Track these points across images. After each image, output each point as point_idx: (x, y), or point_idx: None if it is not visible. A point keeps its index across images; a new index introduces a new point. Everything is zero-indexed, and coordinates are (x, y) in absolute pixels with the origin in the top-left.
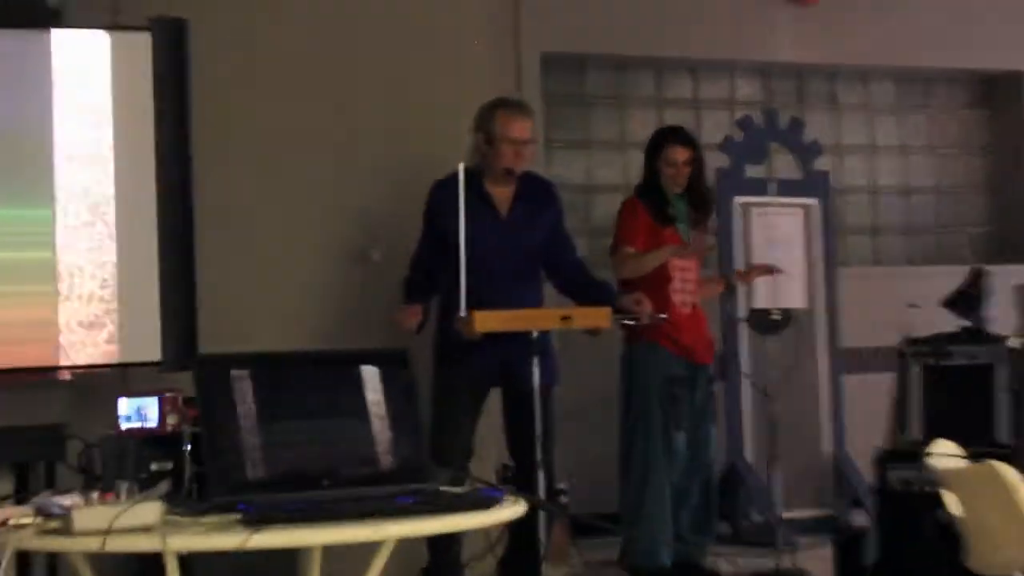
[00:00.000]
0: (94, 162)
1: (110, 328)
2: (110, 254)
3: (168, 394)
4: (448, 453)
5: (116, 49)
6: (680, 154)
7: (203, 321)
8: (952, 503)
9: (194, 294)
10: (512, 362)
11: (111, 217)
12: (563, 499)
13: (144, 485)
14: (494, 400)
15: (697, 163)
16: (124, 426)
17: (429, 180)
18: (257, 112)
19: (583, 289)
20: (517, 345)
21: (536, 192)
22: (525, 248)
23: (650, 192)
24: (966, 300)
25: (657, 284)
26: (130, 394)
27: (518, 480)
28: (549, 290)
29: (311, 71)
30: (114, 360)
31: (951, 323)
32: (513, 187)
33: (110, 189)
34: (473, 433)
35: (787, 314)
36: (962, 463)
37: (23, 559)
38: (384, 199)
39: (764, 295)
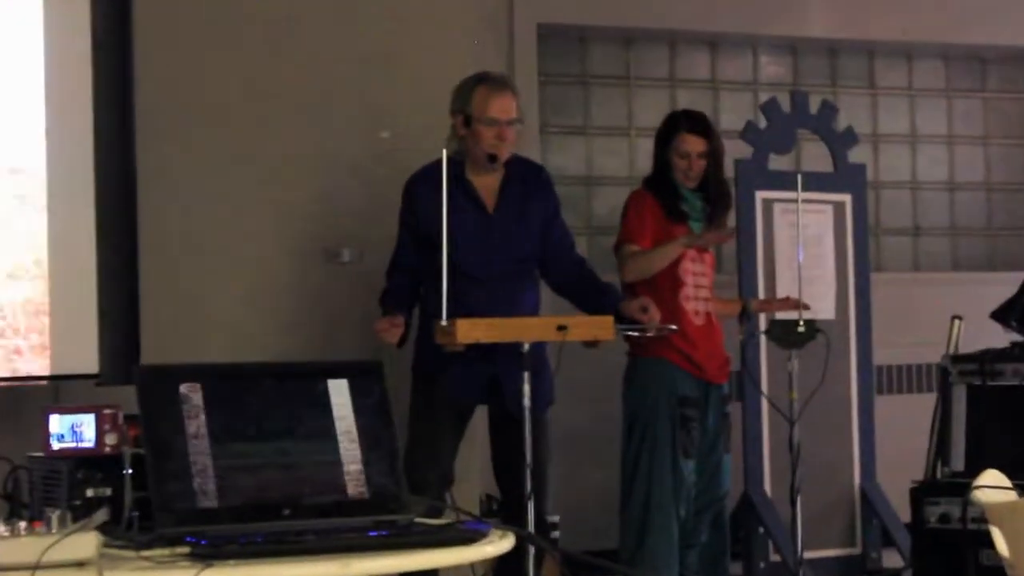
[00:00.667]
0: (22, 141)
1: (39, 334)
2: (40, 248)
3: (106, 410)
4: (425, 480)
5: (49, 11)
6: (694, 144)
7: (146, 328)
8: (1001, 543)
9: (137, 296)
10: (501, 378)
11: (41, 205)
12: (555, 534)
13: (78, 513)
14: (479, 420)
15: (713, 154)
16: (55, 446)
17: (406, 171)
18: (210, 89)
19: (584, 291)
20: (507, 358)
21: (526, 179)
22: (516, 245)
23: (660, 185)
24: (1019, 311)
25: (667, 289)
26: (63, 410)
27: (505, 512)
28: (546, 295)
29: (275, 42)
30: (44, 372)
31: (1001, 338)
32: (499, 176)
33: (41, 173)
34: (454, 457)
35: (813, 326)
36: (1012, 496)
37: None
38: (355, 192)
39: None
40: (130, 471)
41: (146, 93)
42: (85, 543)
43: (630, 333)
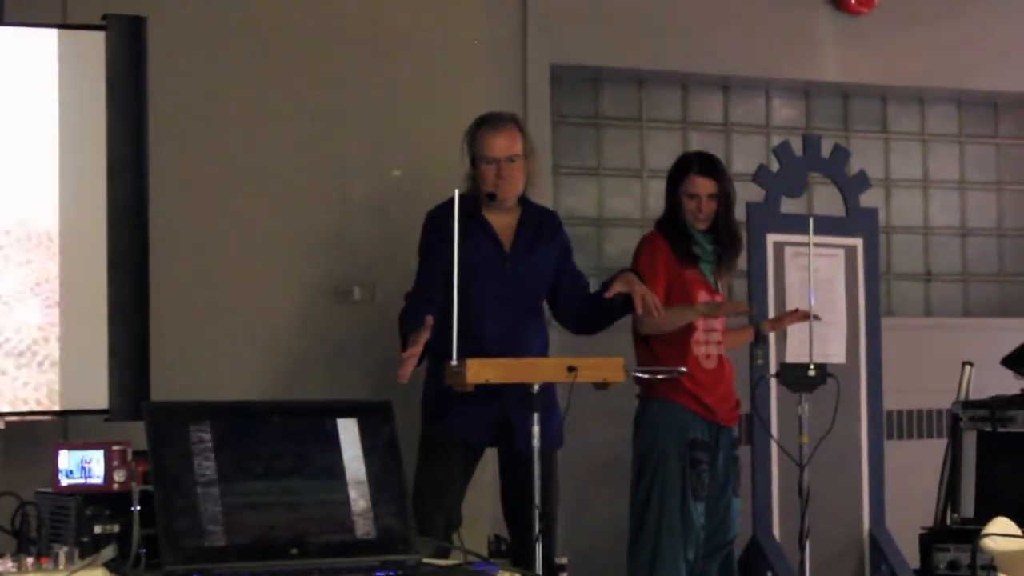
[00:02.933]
0: (36, 178)
1: (49, 370)
2: (52, 284)
3: (115, 447)
4: (432, 520)
5: (64, 50)
6: (703, 186)
7: (157, 364)
8: None
9: (147, 332)
10: (511, 419)
11: (54, 241)
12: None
13: (86, 550)
14: (490, 460)
15: (724, 196)
16: (64, 482)
17: (420, 210)
18: (222, 127)
19: (586, 309)
20: (517, 399)
21: (540, 222)
22: (531, 286)
23: (671, 227)
24: None
25: (678, 333)
26: (72, 446)
27: (514, 553)
28: (554, 337)
29: (287, 82)
30: (54, 407)
31: (1012, 384)
32: (515, 216)
33: (54, 208)
34: (462, 499)
35: (824, 370)
36: (1022, 544)
37: None
38: (368, 230)
39: (797, 348)
40: (138, 508)
41: (159, 127)
42: None
43: (639, 375)
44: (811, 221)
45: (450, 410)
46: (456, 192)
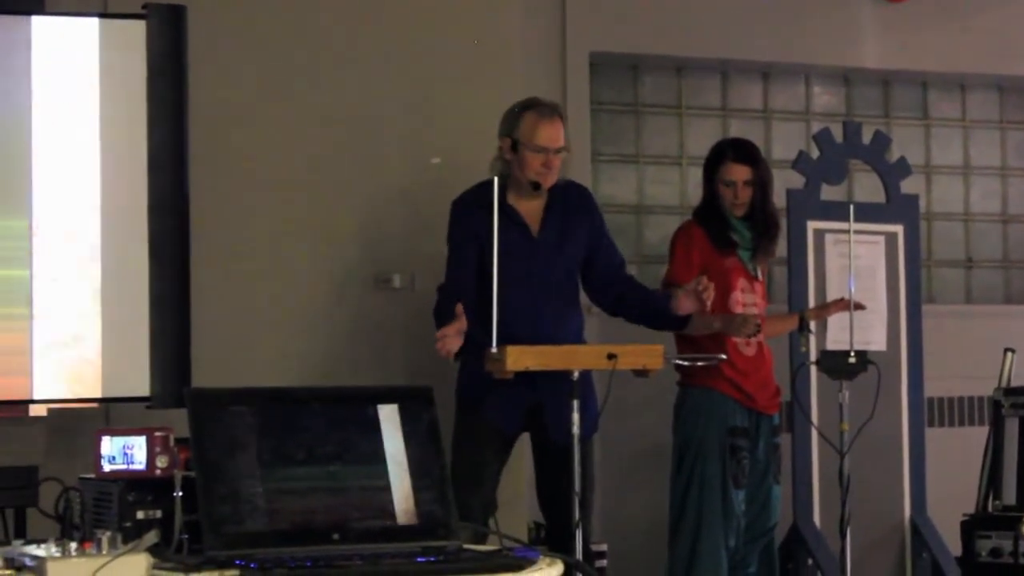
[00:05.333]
0: (77, 167)
1: (92, 358)
2: (94, 273)
3: (157, 433)
4: (468, 506)
5: (105, 39)
6: (739, 173)
7: (198, 352)
8: None
9: (188, 320)
10: (545, 405)
11: (95, 230)
12: (602, 563)
13: (129, 535)
14: (527, 446)
15: (760, 183)
16: (107, 468)
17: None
18: (262, 117)
19: (640, 301)
20: (552, 386)
21: (569, 201)
22: (563, 270)
23: (709, 215)
24: None
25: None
26: (114, 432)
27: (550, 540)
28: (591, 321)
29: (325, 71)
30: (96, 394)
31: None
32: (543, 199)
33: (95, 198)
34: (497, 484)
35: (864, 357)
36: None
37: None
38: (407, 219)
39: (838, 335)
40: (180, 494)
41: (199, 120)
42: (135, 565)
43: (679, 362)
44: (851, 208)
45: (483, 398)
46: (495, 178)
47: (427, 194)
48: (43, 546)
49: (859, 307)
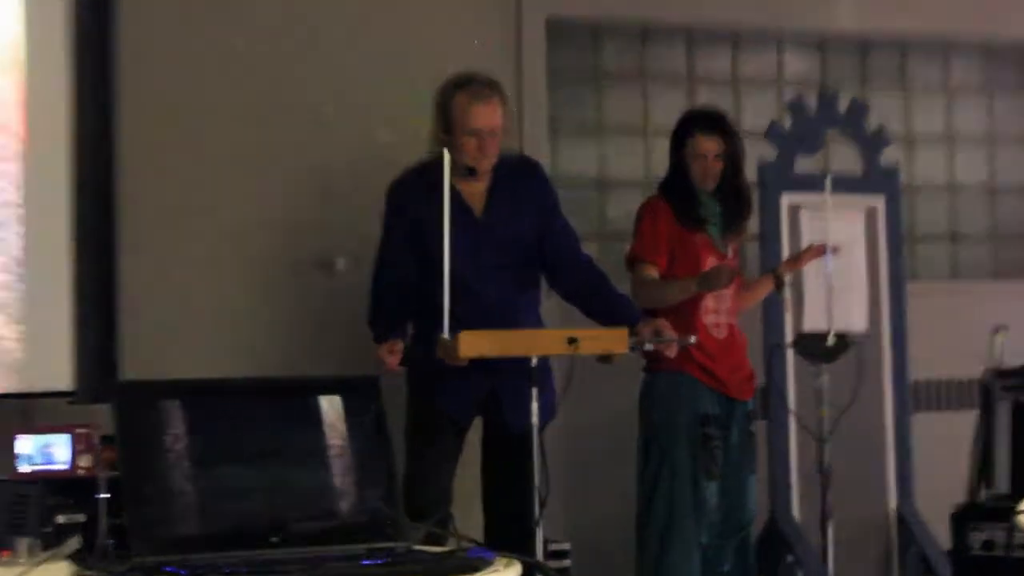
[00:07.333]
0: None
1: (9, 348)
2: (12, 260)
3: (80, 430)
4: (422, 502)
5: (28, 7)
6: (708, 145)
7: (125, 342)
8: None
9: (114, 309)
10: (500, 393)
11: (13, 211)
12: (565, 563)
13: (49, 541)
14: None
15: (731, 156)
16: (24, 468)
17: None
18: (195, 91)
19: (597, 298)
20: (507, 373)
21: (515, 177)
22: (511, 251)
23: (676, 189)
24: None
25: (686, 302)
26: (33, 430)
27: (497, 537)
28: (553, 305)
29: (263, 41)
30: (13, 389)
31: None
32: (487, 178)
33: (16, 181)
34: (452, 478)
35: (844, 339)
36: None
37: None
38: (350, 197)
39: (816, 316)
40: (106, 495)
41: (129, 94)
42: (56, 573)
43: (646, 347)
44: (828, 180)
45: (435, 386)
46: (444, 150)
47: (373, 173)
48: None
49: (835, 249)
